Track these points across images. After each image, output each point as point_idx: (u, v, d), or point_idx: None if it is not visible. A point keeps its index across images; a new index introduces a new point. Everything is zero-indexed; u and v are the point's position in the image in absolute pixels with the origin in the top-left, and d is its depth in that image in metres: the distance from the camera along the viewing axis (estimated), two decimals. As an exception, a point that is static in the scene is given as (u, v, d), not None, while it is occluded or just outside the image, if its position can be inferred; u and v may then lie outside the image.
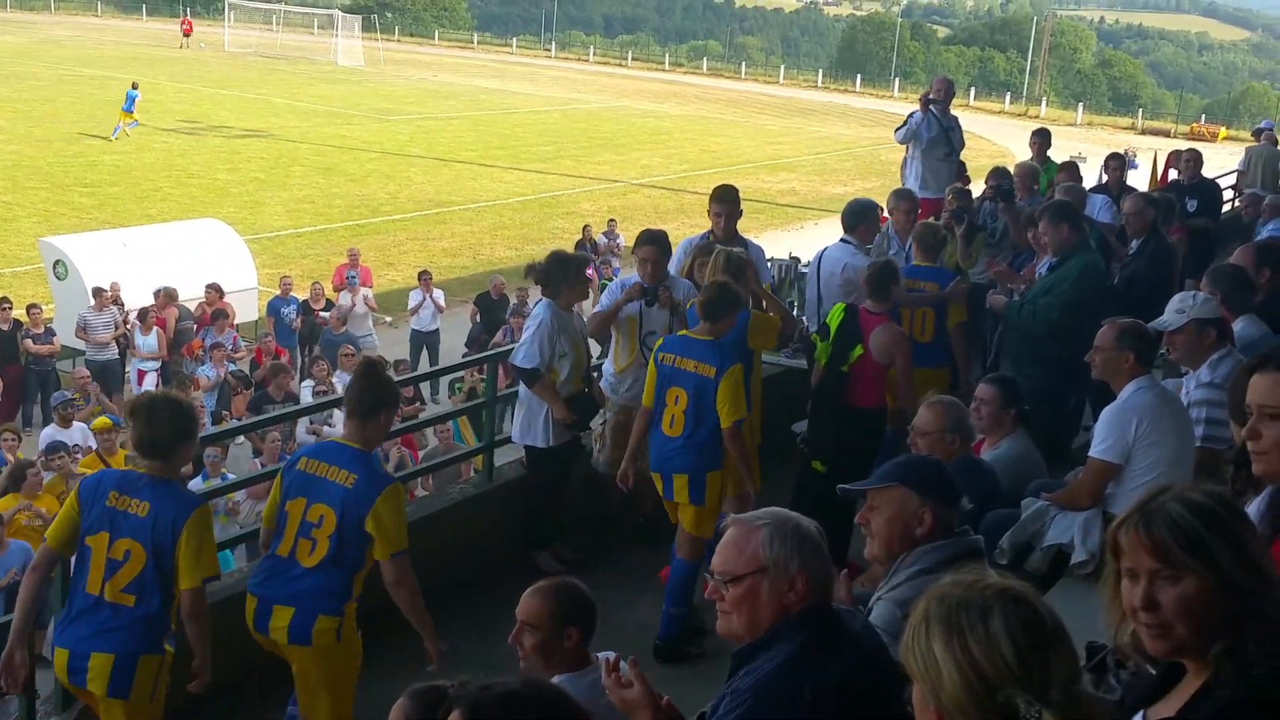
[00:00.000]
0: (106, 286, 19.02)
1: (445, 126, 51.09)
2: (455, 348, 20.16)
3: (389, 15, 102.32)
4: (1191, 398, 5.95)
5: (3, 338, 17.84)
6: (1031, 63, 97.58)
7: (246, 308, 20.82)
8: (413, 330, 20.73)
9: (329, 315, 19.60)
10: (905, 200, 9.91)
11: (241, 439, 14.21)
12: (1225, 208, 14.45)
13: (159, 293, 19.22)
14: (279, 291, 20.75)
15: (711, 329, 6.73)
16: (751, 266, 7.75)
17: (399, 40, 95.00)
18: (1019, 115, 69.27)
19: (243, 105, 52.09)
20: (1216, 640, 2.20)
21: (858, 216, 9.13)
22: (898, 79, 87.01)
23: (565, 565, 7.29)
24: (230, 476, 12.01)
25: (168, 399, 5.53)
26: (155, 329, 18.35)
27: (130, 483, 5.21)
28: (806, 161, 49.12)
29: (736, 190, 8.82)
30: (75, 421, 14.11)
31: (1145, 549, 2.25)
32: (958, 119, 12.65)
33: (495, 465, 8.40)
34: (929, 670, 2.05)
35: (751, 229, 17.65)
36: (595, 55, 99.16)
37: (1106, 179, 12.76)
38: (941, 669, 2.02)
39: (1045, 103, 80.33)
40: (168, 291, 19.30)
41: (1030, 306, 8.10)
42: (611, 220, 28.44)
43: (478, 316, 20.42)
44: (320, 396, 14.36)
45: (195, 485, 12.15)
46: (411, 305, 20.89)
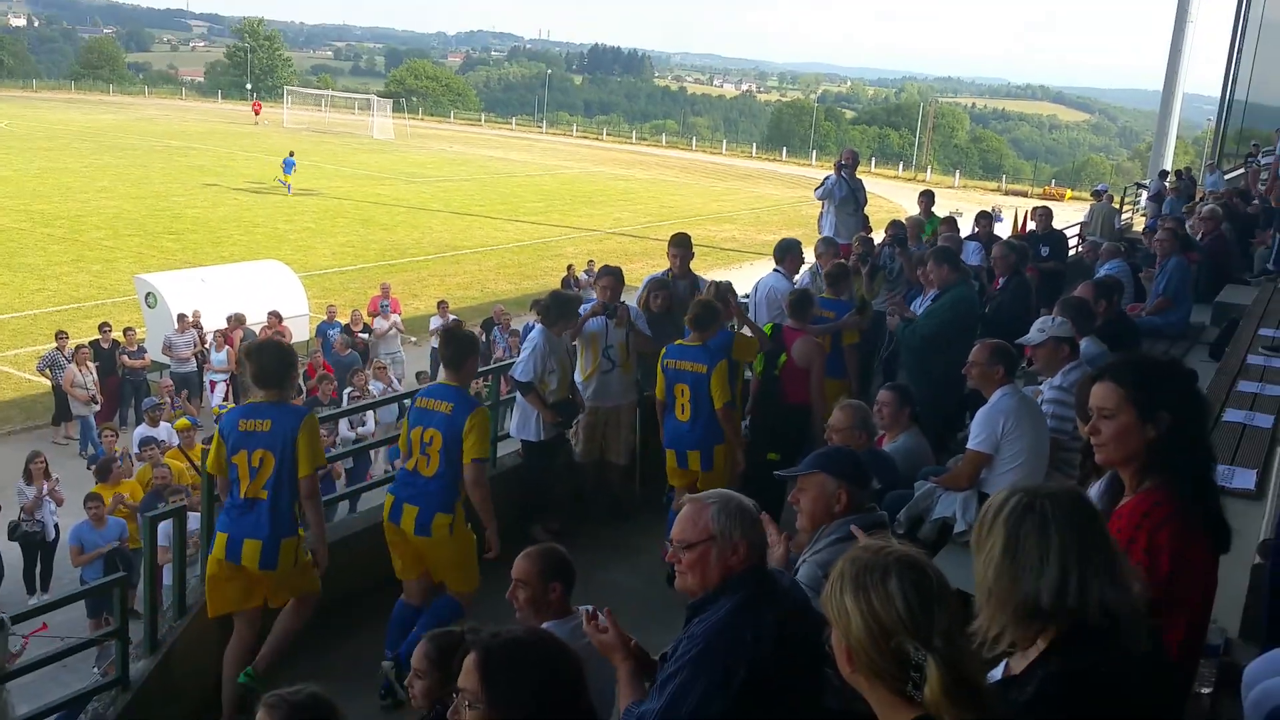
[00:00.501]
0: (188, 314, 18.99)
1: (459, 187, 51.01)
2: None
3: (414, 99, 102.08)
4: (1045, 398, 6.00)
5: (104, 354, 17.81)
6: (919, 139, 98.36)
7: (300, 330, 20.73)
8: (433, 348, 20.62)
9: (365, 336, 19.53)
10: (830, 247, 10.06)
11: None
12: (1071, 253, 14.52)
13: (230, 318, 19.15)
14: (326, 317, 20.66)
15: (699, 336, 7.05)
16: (733, 294, 8.08)
17: (422, 119, 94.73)
18: (909, 179, 69.68)
19: (298, 170, 51.85)
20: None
21: (784, 251, 9.46)
22: (815, 151, 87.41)
23: (552, 535, 7.26)
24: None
25: (269, 342, 6.04)
26: (226, 347, 18.26)
27: (252, 410, 5.58)
28: (744, 215, 49.23)
29: (689, 237, 8.94)
30: (162, 421, 14.00)
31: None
32: (862, 182, 12.69)
33: (498, 455, 8.36)
34: (840, 617, 2.04)
35: (701, 268, 17.63)
36: (577, 131, 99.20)
37: (978, 231, 12.85)
38: (850, 617, 2.02)
39: (930, 170, 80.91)
40: (237, 317, 19.24)
41: (912, 326, 8.25)
42: (590, 261, 28.38)
43: (484, 336, 20.36)
44: (354, 401, 14.20)
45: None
46: (432, 328, 20.81)
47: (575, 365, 8.02)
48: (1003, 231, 17.87)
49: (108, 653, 7.63)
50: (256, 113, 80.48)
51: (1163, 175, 26.62)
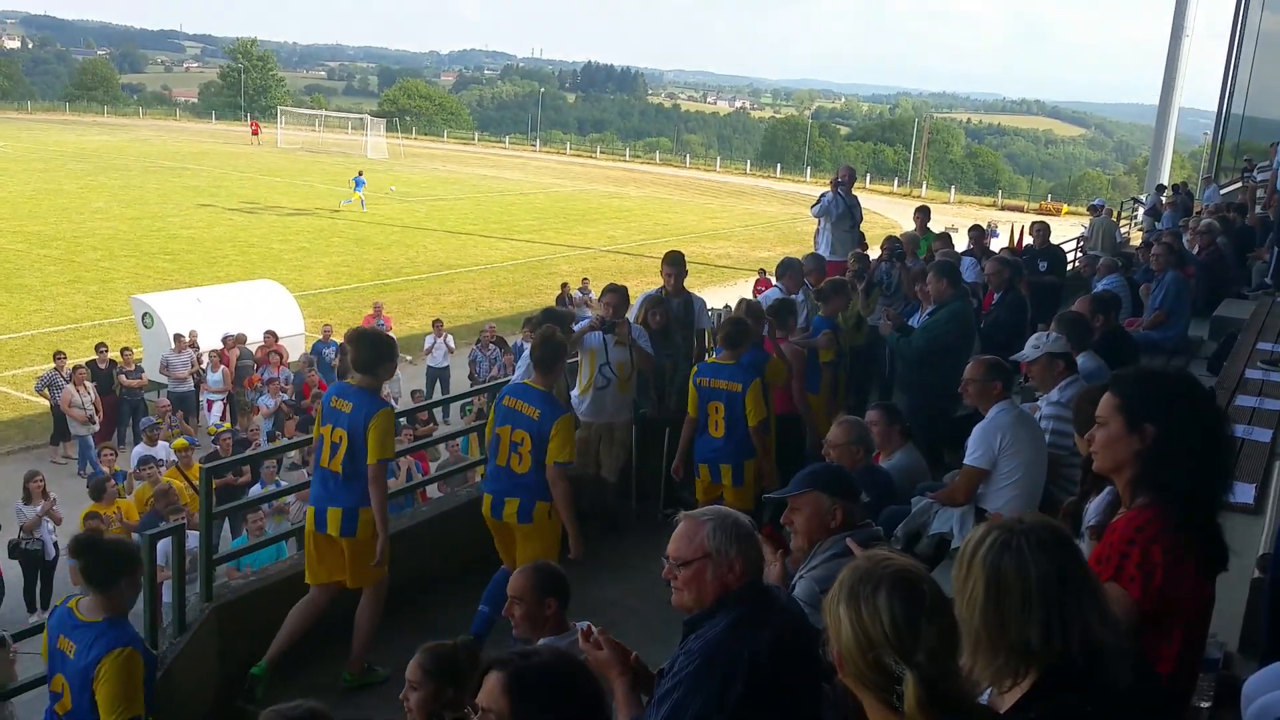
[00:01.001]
0: (185, 333, 18.98)
1: (453, 206, 51.08)
2: (462, 380, 20.09)
3: (407, 118, 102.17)
4: (1042, 414, 6.00)
5: (101, 374, 17.81)
6: (914, 154, 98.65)
7: (295, 349, 20.69)
8: (428, 366, 20.70)
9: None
10: (816, 263, 10.14)
11: (294, 453, 14.11)
12: (1069, 267, 14.55)
13: (226, 338, 19.16)
14: (321, 336, 20.70)
15: (731, 355, 7.10)
16: (764, 313, 8.02)
17: (415, 138, 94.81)
18: (904, 195, 69.71)
19: (292, 190, 51.97)
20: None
21: (784, 268, 9.66)
22: (809, 168, 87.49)
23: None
24: (283, 483, 11.90)
25: (367, 331, 6.31)
26: (222, 367, 18.27)
27: (343, 390, 6.02)
28: (738, 232, 49.29)
29: (683, 255, 8.96)
30: (160, 441, 14.00)
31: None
32: (858, 198, 12.75)
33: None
34: (834, 625, 2.08)
35: (695, 285, 17.68)
36: (571, 150, 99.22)
37: (971, 245, 12.88)
38: (841, 625, 2.05)
39: (925, 186, 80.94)
40: (237, 337, 19.26)
41: (907, 339, 8.31)
42: (585, 279, 28.51)
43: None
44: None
45: (254, 492, 12.04)
46: (427, 347, 20.87)
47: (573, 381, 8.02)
48: (999, 247, 17.89)
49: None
50: (255, 133, 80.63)
51: (1160, 190, 26.74)
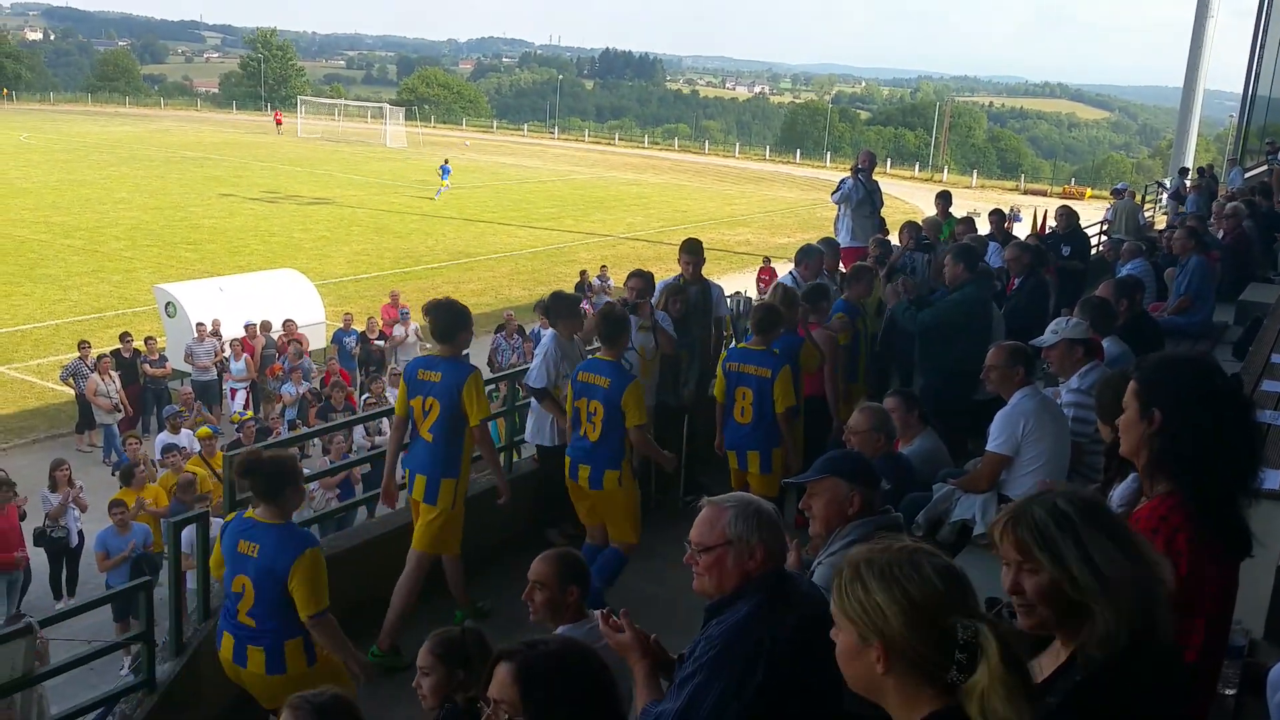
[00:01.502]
0: (207, 323, 19.09)
1: (472, 194, 51.09)
2: (482, 368, 20.10)
3: (426, 107, 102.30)
4: (1063, 400, 5.97)
5: (126, 363, 17.92)
6: (935, 139, 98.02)
7: (316, 338, 20.79)
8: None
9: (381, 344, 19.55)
10: (831, 248, 10.24)
11: (315, 440, 14.22)
12: (1092, 252, 14.44)
13: (248, 327, 19.25)
14: (342, 325, 20.79)
15: (762, 340, 7.17)
16: (798, 298, 8.02)
17: (434, 126, 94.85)
18: (926, 180, 69.34)
19: (313, 179, 52.15)
20: (1072, 620, 2.20)
21: (802, 255, 9.61)
22: (829, 153, 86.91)
23: (568, 539, 7.27)
24: (305, 471, 11.96)
25: (443, 301, 6.46)
26: (245, 356, 18.36)
27: (429, 362, 6.35)
28: (758, 218, 49.17)
29: (701, 242, 8.92)
30: (183, 429, 14.09)
31: (1011, 545, 2.25)
32: (879, 184, 12.69)
33: (514, 460, 8.38)
34: (872, 616, 1.98)
35: (714, 272, 17.65)
36: (589, 137, 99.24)
37: (993, 230, 12.81)
38: (886, 612, 1.96)
39: (946, 170, 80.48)
40: (262, 324, 19.35)
41: (913, 310, 8.29)
42: (604, 266, 28.48)
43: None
44: (371, 409, 14.28)
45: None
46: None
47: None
48: (1022, 231, 17.77)
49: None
50: (278, 123, 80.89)
51: (1183, 173, 26.48)
